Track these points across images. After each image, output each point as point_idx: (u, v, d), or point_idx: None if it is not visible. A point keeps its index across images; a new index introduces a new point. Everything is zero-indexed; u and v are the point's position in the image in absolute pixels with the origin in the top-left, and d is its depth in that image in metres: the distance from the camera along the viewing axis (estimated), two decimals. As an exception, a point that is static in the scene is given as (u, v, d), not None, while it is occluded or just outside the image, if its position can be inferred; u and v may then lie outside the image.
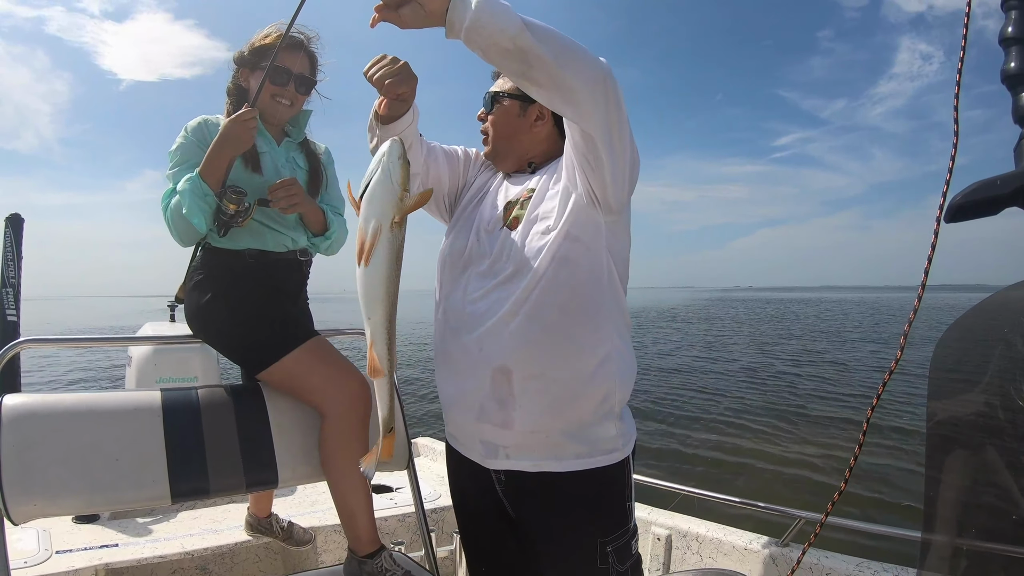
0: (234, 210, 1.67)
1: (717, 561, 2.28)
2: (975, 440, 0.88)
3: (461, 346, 1.40)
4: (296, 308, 1.90)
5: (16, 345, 1.67)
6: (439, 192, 1.59)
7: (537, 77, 1.18)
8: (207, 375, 3.47)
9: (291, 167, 1.88)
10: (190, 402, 1.66)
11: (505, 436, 1.36)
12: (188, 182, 1.64)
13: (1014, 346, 0.82)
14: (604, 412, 1.36)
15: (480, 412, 1.37)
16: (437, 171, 1.57)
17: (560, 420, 1.34)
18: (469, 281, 1.43)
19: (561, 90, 1.19)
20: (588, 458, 1.36)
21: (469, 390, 1.39)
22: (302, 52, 1.82)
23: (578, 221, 1.33)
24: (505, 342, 1.33)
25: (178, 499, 1.55)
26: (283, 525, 2.27)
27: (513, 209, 1.45)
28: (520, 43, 1.13)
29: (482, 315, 1.37)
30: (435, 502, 2.91)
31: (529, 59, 1.14)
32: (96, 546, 2.42)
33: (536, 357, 1.32)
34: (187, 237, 1.72)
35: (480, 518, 1.53)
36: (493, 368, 1.34)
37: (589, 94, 1.20)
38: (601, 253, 1.36)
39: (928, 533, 0.90)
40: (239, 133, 1.64)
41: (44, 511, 1.43)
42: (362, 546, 1.69)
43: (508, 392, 1.34)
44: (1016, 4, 0.88)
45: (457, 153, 1.62)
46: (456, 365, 1.42)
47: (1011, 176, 0.79)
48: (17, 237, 4.45)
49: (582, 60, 1.19)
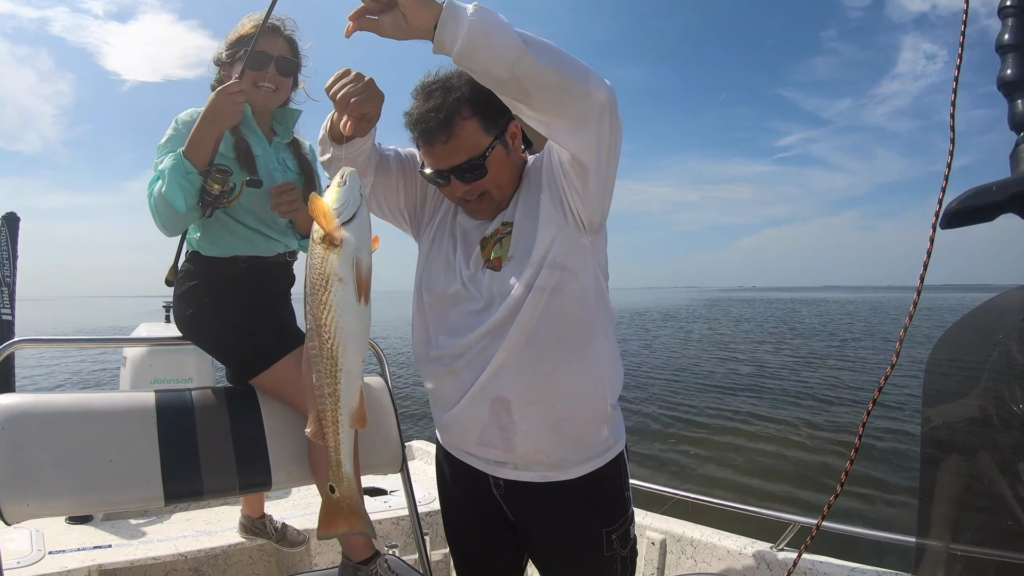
0: (219, 190, 1.60)
1: (712, 566, 2.28)
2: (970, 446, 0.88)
3: (459, 382, 1.36)
4: (286, 311, 1.90)
5: (10, 345, 1.67)
6: (395, 205, 1.49)
7: (535, 103, 1.10)
8: (201, 376, 3.47)
9: (282, 169, 1.85)
10: (184, 403, 1.65)
11: (507, 455, 1.36)
12: (171, 159, 1.57)
13: (1009, 352, 0.83)
14: (599, 421, 1.37)
15: (480, 437, 1.36)
16: (389, 184, 1.45)
17: (561, 437, 1.33)
18: (460, 319, 1.36)
19: (560, 117, 1.12)
20: (587, 463, 1.37)
21: (467, 419, 1.36)
22: (279, 37, 1.77)
23: (564, 250, 1.28)
24: (501, 377, 1.30)
25: (172, 500, 1.55)
26: (277, 526, 2.26)
27: (490, 247, 1.36)
28: (519, 72, 1.04)
29: (476, 355, 1.32)
30: (429, 505, 2.90)
31: (529, 87, 1.06)
32: (89, 547, 2.40)
33: (534, 386, 1.30)
34: (170, 223, 1.65)
35: (474, 519, 1.51)
36: (491, 400, 1.31)
37: (594, 122, 1.13)
38: (588, 275, 1.33)
39: (923, 538, 0.90)
40: (225, 105, 1.58)
41: (37, 511, 1.43)
42: (356, 552, 1.68)
43: (508, 420, 1.31)
44: (1012, 11, 0.89)
45: (415, 159, 1.46)
46: (451, 398, 1.38)
47: (1006, 183, 0.79)
48: (12, 236, 4.43)
49: (590, 84, 1.10)
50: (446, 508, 1.59)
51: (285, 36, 1.79)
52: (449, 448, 1.50)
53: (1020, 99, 0.86)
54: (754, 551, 2.18)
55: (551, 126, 1.16)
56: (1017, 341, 0.82)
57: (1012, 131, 0.86)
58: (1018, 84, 0.86)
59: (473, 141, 1.27)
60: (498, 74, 1.04)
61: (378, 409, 1.85)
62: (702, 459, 7.29)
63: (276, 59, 1.75)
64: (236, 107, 1.60)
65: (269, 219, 1.78)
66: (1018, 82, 0.86)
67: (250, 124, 1.80)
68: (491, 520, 1.46)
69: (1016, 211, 0.78)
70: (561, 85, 1.08)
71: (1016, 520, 0.76)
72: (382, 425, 1.86)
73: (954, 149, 1.07)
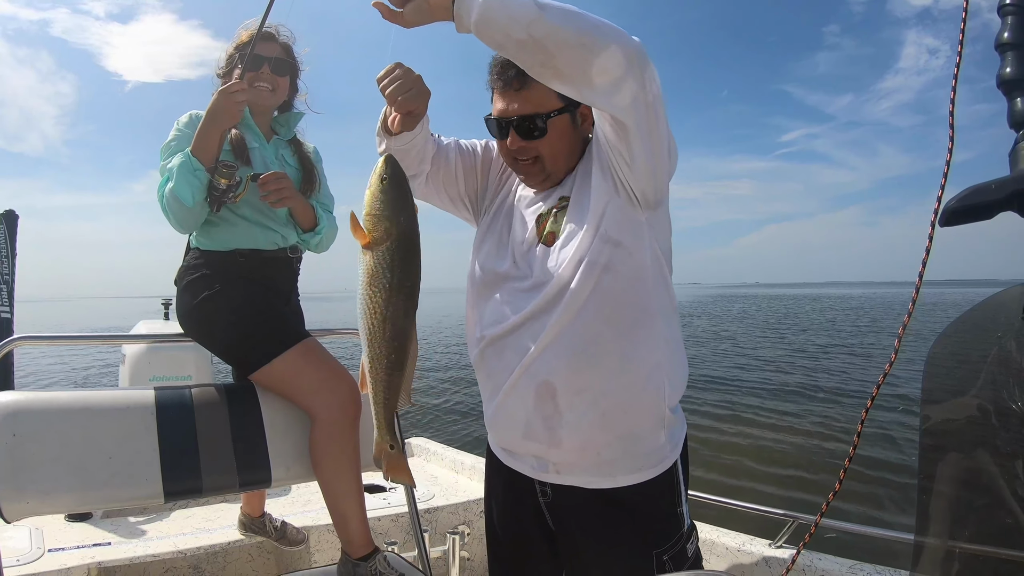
0: (226, 184, 1.68)
1: (710, 562, 2.28)
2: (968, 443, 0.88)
3: (504, 364, 1.33)
4: (288, 308, 1.91)
5: (10, 342, 1.67)
6: (455, 193, 1.50)
7: (560, 66, 1.08)
8: (201, 374, 3.46)
9: (280, 164, 1.89)
10: (183, 401, 1.65)
11: (554, 453, 1.30)
12: (179, 158, 1.65)
13: (1008, 350, 0.83)
14: (655, 420, 1.30)
15: (526, 430, 1.31)
16: (448, 172, 1.47)
17: (610, 434, 1.27)
18: (509, 297, 1.34)
19: (590, 78, 1.08)
20: (638, 472, 1.30)
21: (513, 408, 1.32)
22: (273, 41, 1.86)
23: (617, 225, 1.24)
24: (548, 358, 1.26)
25: (171, 498, 1.55)
26: (276, 525, 2.26)
27: (546, 223, 1.34)
28: (536, 31, 1.03)
29: (524, 333, 1.29)
30: (429, 502, 2.90)
31: (549, 47, 1.05)
32: (88, 544, 2.40)
33: (581, 372, 1.25)
34: (182, 220, 1.71)
35: (514, 525, 1.48)
36: (537, 385, 1.27)
37: (622, 78, 1.09)
38: (645, 253, 1.27)
39: (921, 536, 0.91)
40: (226, 106, 1.65)
41: (37, 509, 1.43)
42: (355, 549, 1.68)
43: (553, 410, 1.27)
44: (1012, 10, 0.89)
45: (476, 151, 1.52)
46: (497, 381, 1.35)
47: (1005, 181, 0.80)
48: (11, 233, 4.43)
49: (611, 39, 1.07)
50: (490, 509, 1.55)
51: (280, 41, 1.88)
52: (497, 451, 1.47)
53: (1019, 98, 0.86)
54: (753, 548, 2.18)
55: (583, 91, 1.13)
56: (1016, 339, 0.82)
57: (1011, 129, 0.87)
58: (1018, 83, 0.87)
59: (543, 98, 1.28)
60: (516, 35, 1.04)
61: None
62: (701, 456, 7.30)
63: (270, 59, 1.83)
64: (236, 106, 1.67)
65: (268, 210, 1.81)
66: (1017, 80, 0.87)
67: (247, 122, 1.86)
68: (533, 526, 1.42)
69: (1015, 209, 0.79)
70: (582, 42, 1.06)
71: (1014, 518, 0.76)
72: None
73: (953, 147, 1.07)
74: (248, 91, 1.71)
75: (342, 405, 1.69)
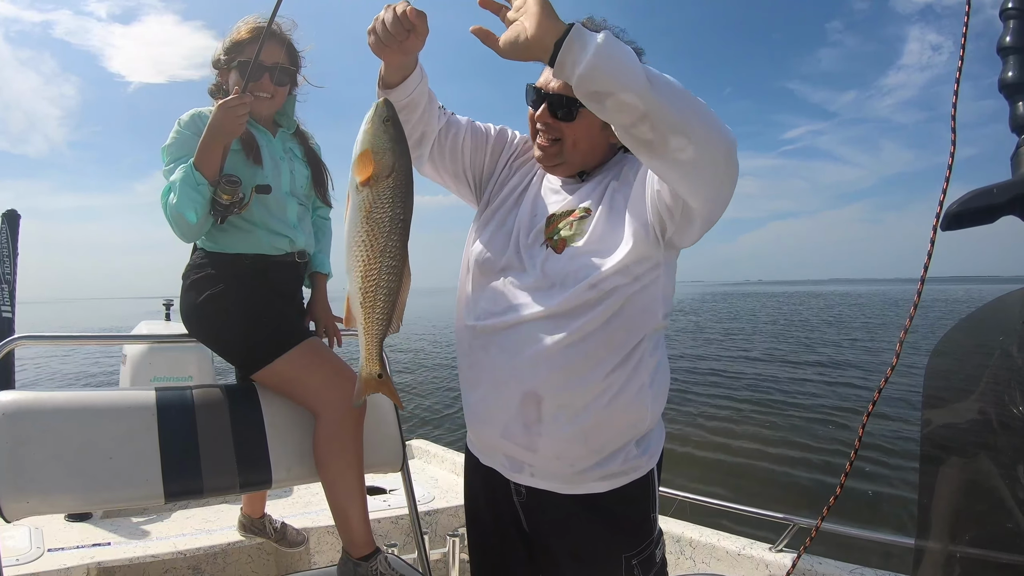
0: (228, 200, 1.65)
1: (710, 566, 2.28)
2: (969, 448, 0.88)
3: (491, 360, 1.32)
4: (292, 308, 1.90)
5: (11, 342, 1.67)
6: (459, 168, 1.48)
7: (647, 138, 1.03)
8: (202, 375, 3.46)
9: (289, 157, 1.88)
10: (184, 401, 1.65)
11: (529, 456, 1.31)
12: (181, 171, 1.62)
13: (1010, 354, 0.83)
14: (631, 436, 1.30)
15: (504, 430, 1.31)
16: (455, 145, 1.45)
17: (587, 447, 1.27)
18: (505, 291, 1.33)
19: (676, 160, 1.05)
20: (612, 479, 1.30)
21: (494, 406, 1.32)
22: (276, 44, 1.79)
23: (637, 258, 1.24)
24: (542, 371, 1.25)
25: (171, 498, 1.55)
26: (276, 526, 2.26)
27: (557, 224, 1.33)
28: (642, 105, 0.99)
29: (518, 335, 1.28)
30: (428, 504, 2.90)
31: (644, 120, 1.01)
32: (88, 544, 2.40)
33: (572, 389, 1.25)
34: (187, 234, 1.71)
35: (492, 525, 1.47)
36: (523, 391, 1.27)
37: (709, 171, 1.07)
38: (656, 288, 1.28)
39: (922, 540, 0.91)
40: (228, 119, 1.62)
41: (37, 509, 1.43)
42: (357, 548, 1.68)
43: (535, 418, 1.27)
44: (1014, 13, 0.89)
45: (489, 132, 1.50)
46: (482, 376, 1.35)
47: (1007, 185, 0.80)
48: (13, 233, 4.43)
49: (709, 129, 1.04)
50: (469, 509, 1.57)
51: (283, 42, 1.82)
52: (474, 449, 1.48)
53: (1021, 101, 0.86)
54: (753, 552, 2.18)
55: (661, 167, 1.10)
56: (1017, 343, 0.82)
57: (1013, 133, 0.87)
58: (1019, 86, 0.87)
59: None
60: (623, 97, 1.00)
61: (378, 408, 1.85)
62: (701, 459, 7.29)
63: (271, 69, 1.79)
64: (238, 120, 1.64)
65: (275, 217, 1.80)
66: (1019, 85, 0.86)
67: (251, 122, 1.83)
68: (510, 526, 1.42)
69: (1017, 213, 0.79)
70: (683, 124, 1.02)
71: (1015, 522, 0.76)
72: (382, 424, 1.86)
73: (955, 151, 1.07)
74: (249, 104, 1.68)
75: (346, 404, 1.69)
